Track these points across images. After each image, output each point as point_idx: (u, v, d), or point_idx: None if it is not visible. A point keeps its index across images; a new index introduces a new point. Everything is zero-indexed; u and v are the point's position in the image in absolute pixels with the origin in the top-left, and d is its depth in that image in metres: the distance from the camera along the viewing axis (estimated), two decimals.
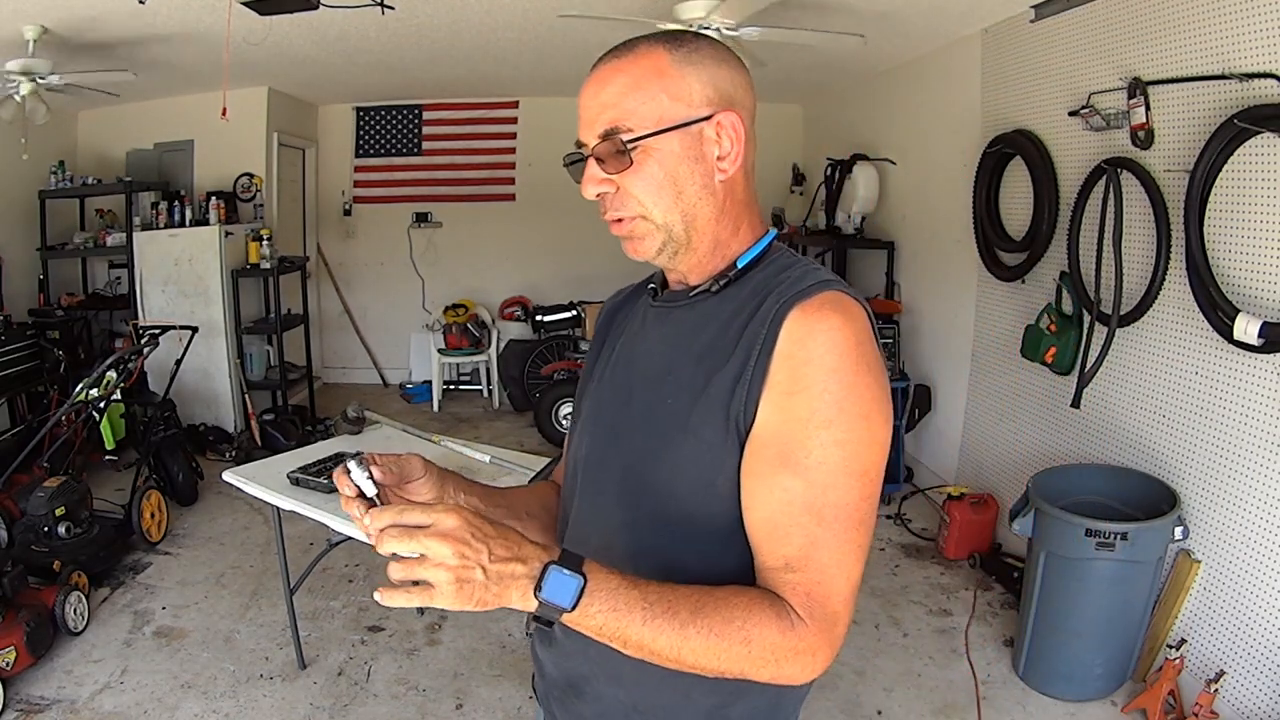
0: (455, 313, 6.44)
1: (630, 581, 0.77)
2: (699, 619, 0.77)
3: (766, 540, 0.84)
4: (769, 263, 0.94)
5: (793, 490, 0.81)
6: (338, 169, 6.87)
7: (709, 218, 0.92)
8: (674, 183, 0.89)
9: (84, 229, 5.56)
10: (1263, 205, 2.38)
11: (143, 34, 3.93)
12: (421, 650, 3.04)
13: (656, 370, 0.95)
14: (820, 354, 0.81)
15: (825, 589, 0.81)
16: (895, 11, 3.72)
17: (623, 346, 1.04)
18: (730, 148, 0.91)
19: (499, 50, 4.67)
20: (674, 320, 0.96)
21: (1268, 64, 2.32)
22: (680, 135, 0.88)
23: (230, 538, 3.97)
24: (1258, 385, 2.43)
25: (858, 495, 0.82)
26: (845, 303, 0.85)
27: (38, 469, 3.63)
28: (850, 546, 0.82)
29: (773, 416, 0.83)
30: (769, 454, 0.83)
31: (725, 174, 0.91)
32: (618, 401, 0.99)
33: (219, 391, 5.33)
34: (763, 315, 0.86)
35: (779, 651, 0.79)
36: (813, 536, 0.81)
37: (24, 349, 4.61)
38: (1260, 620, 2.40)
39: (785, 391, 0.82)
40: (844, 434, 0.81)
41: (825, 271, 0.91)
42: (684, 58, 0.89)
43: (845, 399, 0.81)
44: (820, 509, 0.81)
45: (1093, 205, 3.02)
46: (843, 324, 0.83)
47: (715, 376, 0.87)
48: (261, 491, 2.49)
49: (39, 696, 2.69)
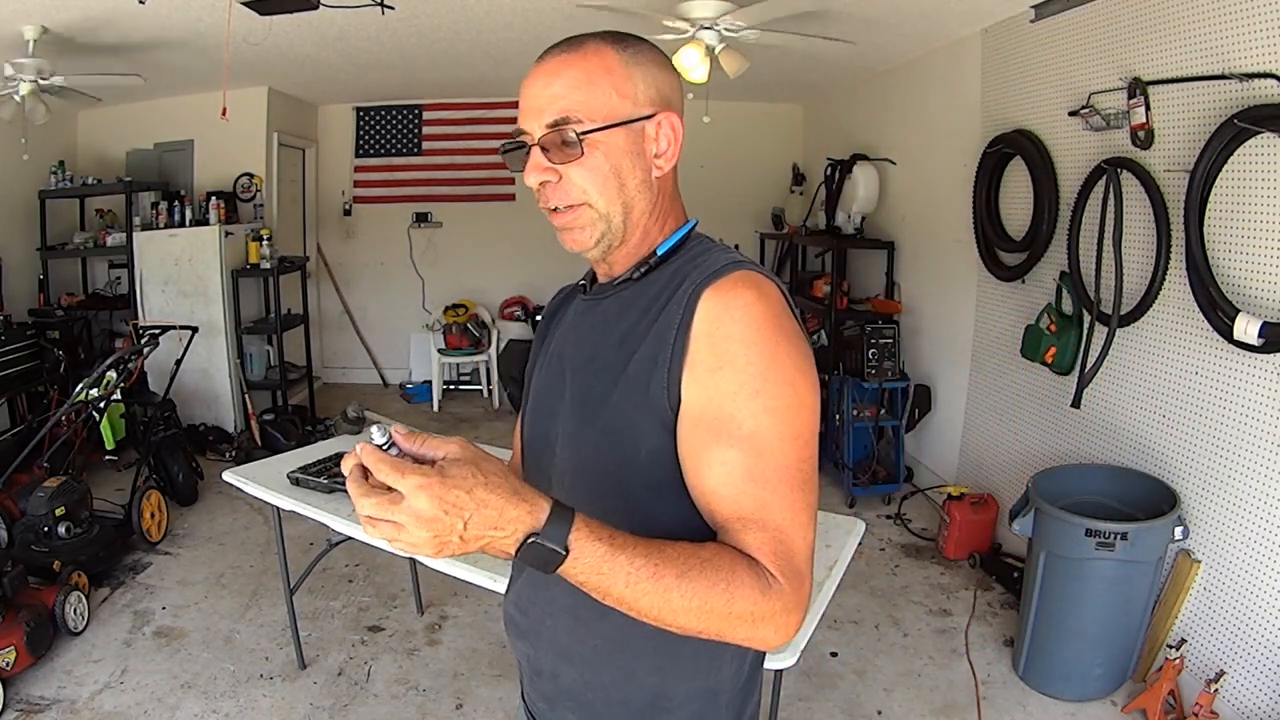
0: (455, 313, 6.44)
1: (618, 545, 0.77)
2: (684, 582, 0.78)
3: (717, 508, 0.86)
4: (688, 249, 0.98)
5: (731, 461, 0.84)
6: (338, 169, 6.87)
7: (643, 210, 0.96)
8: (617, 175, 0.93)
9: (84, 229, 5.56)
10: (1263, 205, 2.38)
11: (143, 34, 3.93)
12: (421, 650, 3.04)
13: (584, 358, 0.99)
14: (738, 329, 0.85)
15: (788, 545, 0.83)
16: (895, 12, 3.72)
17: (556, 341, 1.09)
18: (667, 146, 0.96)
19: (499, 50, 4.67)
20: (600, 310, 1.01)
21: (1268, 64, 2.32)
22: (626, 131, 0.93)
23: (230, 538, 3.97)
24: (1258, 385, 2.43)
25: (795, 457, 0.85)
26: (757, 279, 0.89)
27: (38, 469, 3.63)
28: (799, 506, 0.84)
29: (699, 394, 0.85)
30: (702, 431, 0.85)
31: (661, 170, 0.96)
32: (553, 391, 1.03)
33: (219, 391, 5.33)
34: (679, 297, 0.89)
35: (758, 613, 0.80)
36: (760, 500, 0.83)
37: (24, 349, 4.61)
38: (1260, 620, 2.40)
39: (709, 369, 0.85)
40: (772, 401, 0.84)
41: (739, 255, 0.95)
42: (630, 58, 0.95)
43: (768, 369, 0.84)
44: (762, 474, 0.83)
45: (1093, 205, 3.02)
46: (756, 299, 0.86)
47: (634, 356, 0.90)
48: (261, 491, 2.49)
49: (39, 696, 2.69)
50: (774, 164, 6.60)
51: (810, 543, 0.85)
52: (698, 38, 3.41)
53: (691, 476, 0.88)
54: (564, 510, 0.76)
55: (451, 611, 3.29)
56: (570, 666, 1.02)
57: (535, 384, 1.11)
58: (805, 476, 0.86)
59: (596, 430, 0.93)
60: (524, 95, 0.97)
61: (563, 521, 0.75)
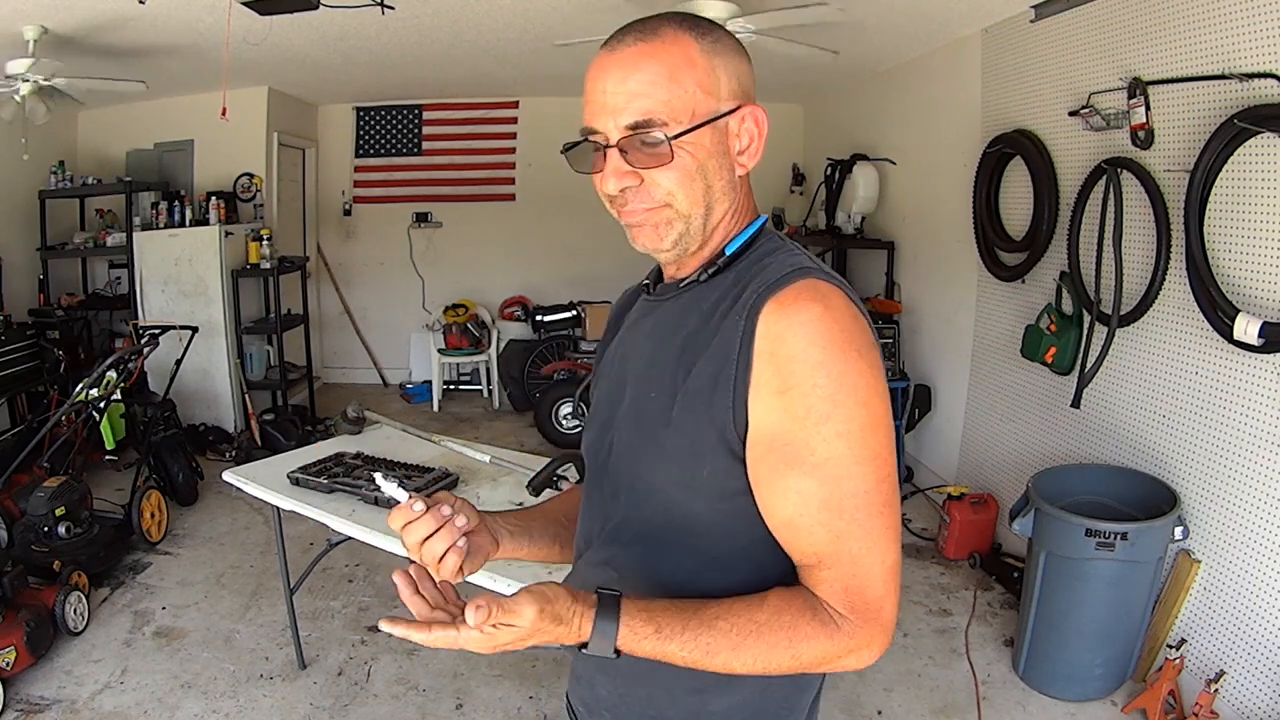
0: (455, 313, 6.43)
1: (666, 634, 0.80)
2: (741, 652, 0.80)
3: (793, 540, 0.84)
4: (755, 250, 0.92)
5: (806, 490, 0.81)
6: (338, 169, 6.87)
7: (724, 211, 0.91)
8: (704, 177, 0.87)
9: (84, 229, 5.56)
10: (1263, 205, 2.38)
11: (143, 34, 3.93)
12: (421, 650, 3.04)
13: (644, 364, 0.94)
14: (802, 348, 0.79)
15: (861, 579, 0.81)
16: (896, 12, 3.72)
17: (619, 343, 1.05)
18: (750, 142, 0.89)
19: (499, 50, 4.68)
20: (662, 312, 0.96)
21: (1268, 64, 2.32)
22: (711, 130, 0.86)
23: (230, 538, 3.97)
24: (1258, 385, 2.43)
25: (874, 479, 0.81)
26: (821, 289, 0.82)
27: (38, 469, 3.63)
28: (878, 531, 0.81)
29: (767, 418, 0.81)
30: (774, 458, 0.82)
31: (744, 168, 0.91)
32: (613, 398, 0.99)
33: (219, 391, 5.33)
34: (740, 308, 0.84)
35: (827, 656, 0.81)
36: (836, 531, 0.81)
37: (24, 349, 4.61)
38: (1260, 620, 2.40)
39: (775, 391, 0.80)
40: (844, 424, 0.79)
41: (804, 257, 0.89)
42: (710, 47, 0.87)
43: (838, 390, 0.79)
44: (839, 503, 0.80)
45: (1093, 205, 3.02)
46: (821, 313, 0.80)
47: (695, 369, 0.86)
48: (261, 491, 2.48)
49: (39, 696, 2.69)
50: (774, 164, 6.59)
51: (890, 565, 0.82)
52: None
53: (765, 505, 0.85)
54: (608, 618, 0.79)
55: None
56: (606, 677, 1.00)
57: (598, 389, 1.07)
58: (884, 498, 0.82)
59: (656, 445, 0.89)
60: (594, 88, 0.87)
61: (607, 632, 0.79)
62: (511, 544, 1.04)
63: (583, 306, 5.90)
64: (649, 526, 0.91)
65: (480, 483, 2.48)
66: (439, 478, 2.41)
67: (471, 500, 2.43)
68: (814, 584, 0.83)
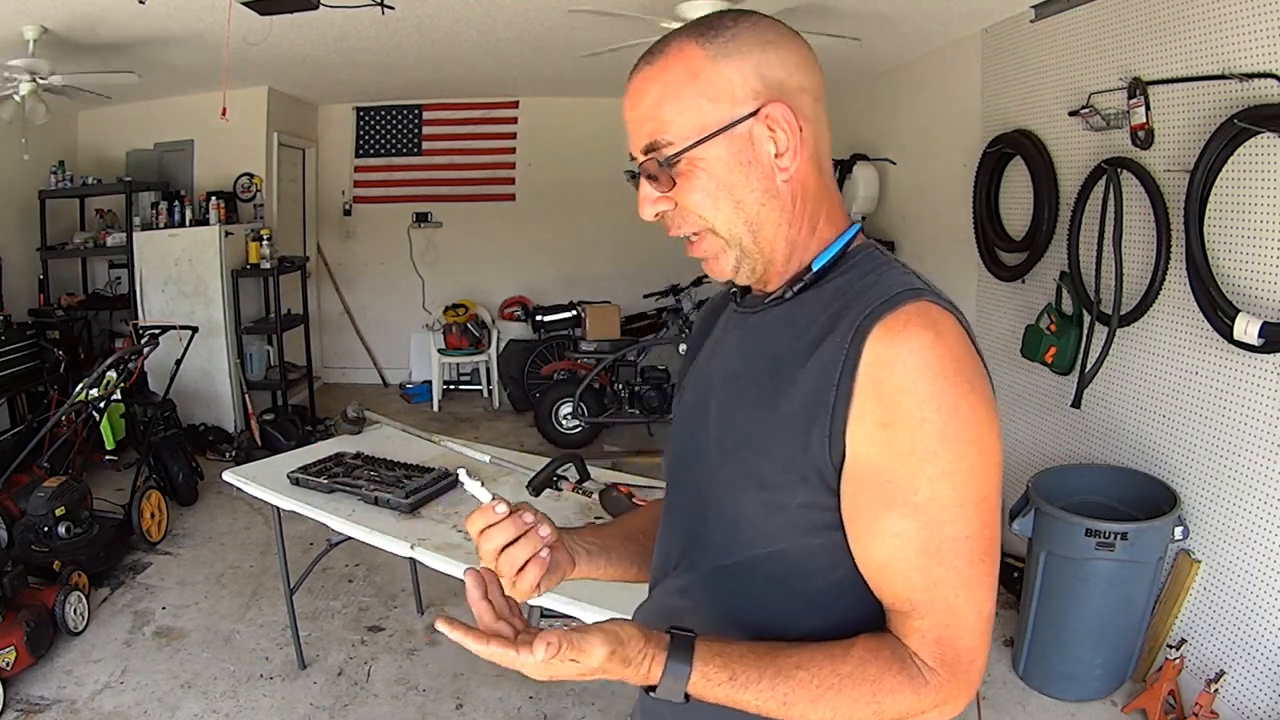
0: (455, 313, 6.44)
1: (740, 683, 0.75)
2: (820, 705, 0.75)
3: (886, 584, 0.79)
4: (851, 264, 0.84)
5: (905, 533, 0.76)
6: (338, 169, 6.87)
7: (777, 223, 0.83)
8: (730, 192, 0.82)
9: (84, 229, 5.56)
10: (1263, 205, 2.38)
11: (143, 34, 3.93)
12: (421, 650, 3.04)
13: (731, 383, 0.88)
14: (912, 379, 0.73)
15: (954, 630, 0.76)
16: (895, 12, 3.72)
17: (704, 357, 0.98)
18: (787, 142, 0.81)
19: (499, 50, 4.67)
20: (750, 327, 0.90)
21: (1268, 64, 2.32)
22: (726, 140, 0.80)
23: (230, 538, 3.97)
24: (1258, 385, 2.43)
25: (978, 524, 0.76)
26: (934, 315, 0.76)
27: (38, 469, 3.63)
28: (976, 580, 0.76)
29: (867, 451, 0.75)
30: (872, 495, 0.76)
31: (786, 172, 0.82)
32: (696, 416, 0.93)
33: (219, 391, 5.33)
34: (842, 330, 0.77)
35: (911, 710, 0.76)
36: (934, 577, 0.76)
37: (24, 349, 4.61)
38: (1260, 620, 2.40)
39: (879, 423, 0.75)
40: (952, 464, 0.74)
41: (912, 276, 0.81)
42: (719, 50, 0.80)
43: (948, 426, 0.74)
44: (938, 548, 0.75)
45: (1093, 205, 3.02)
46: (933, 341, 0.74)
47: (788, 392, 0.80)
48: (261, 491, 2.48)
49: (39, 696, 2.69)
50: None
51: (985, 614, 0.77)
52: None
53: (858, 544, 0.79)
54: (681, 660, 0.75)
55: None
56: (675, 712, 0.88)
57: (681, 401, 1.00)
58: (986, 545, 0.77)
59: (744, 472, 0.83)
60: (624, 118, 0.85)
61: (678, 676, 0.75)
62: (589, 564, 1.00)
63: (583, 306, 5.90)
64: (731, 557, 0.86)
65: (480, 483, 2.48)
66: (439, 478, 2.41)
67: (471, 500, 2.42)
68: (904, 633, 0.77)
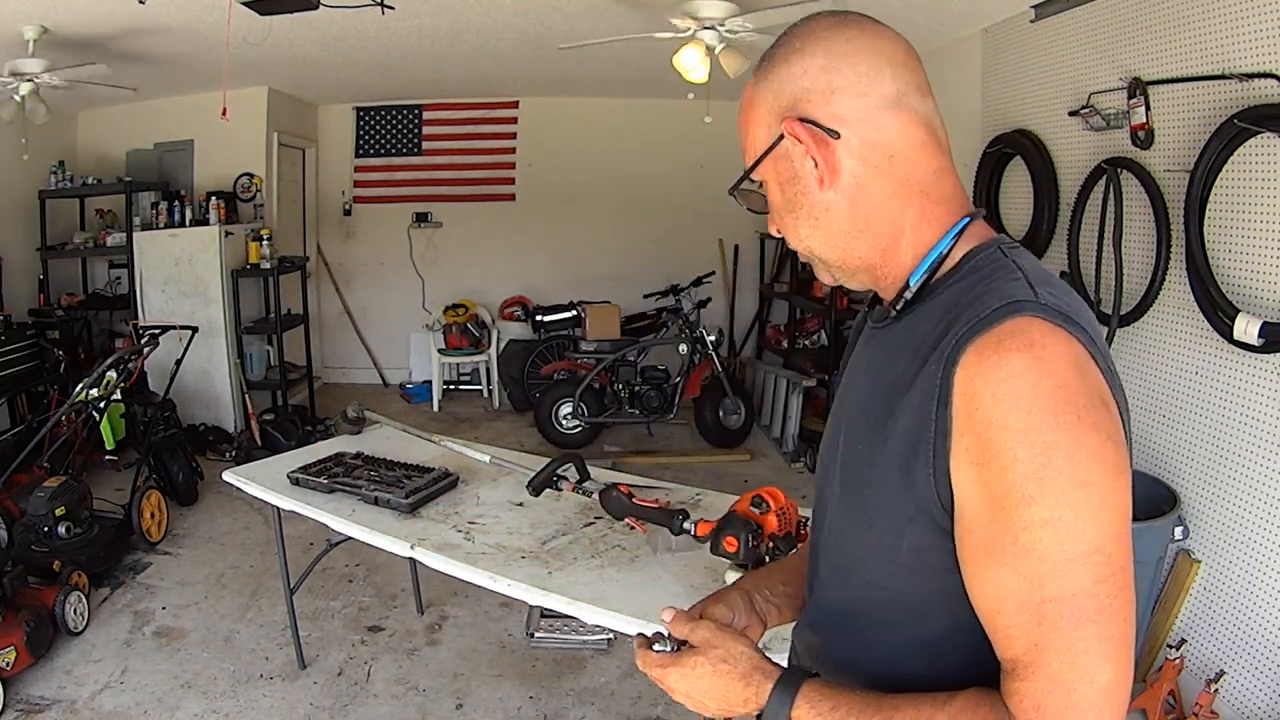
0: (455, 313, 6.44)
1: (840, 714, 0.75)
2: None
3: (991, 635, 0.72)
4: (968, 270, 0.77)
5: (1004, 585, 0.68)
6: (338, 169, 6.87)
7: (847, 233, 0.81)
8: (792, 211, 0.83)
9: (84, 229, 5.56)
10: (1263, 205, 2.38)
11: (143, 34, 3.93)
12: (421, 650, 3.04)
13: (856, 407, 0.85)
14: (1001, 412, 0.66)
15: (1062, 700, 0.66)
16: (895, 13, 3.72)
17: (846, 371, 0.95)
18: (814, 159, 0.78)
19: (499, 50, 4.68)
20: (877, 344, 0.85)
21: (1268, 64, 2.32)
22: (772, 162, 0.82)
23: (230, 538, 3.97)
24: (1258, 385, 2.43)
25: (1089, 580, 0.66)
26: (1034, 332, 0.67)
27: (38, 469, 3.63)
28: (1086, 645, 0.66)
29: (968, 491, 0.69)
30: (973, 540, 0.70)
31: (825, 182, 0.79)
32: (831, 439, 0.90)
33: (219, 391, 5.33)
34: (938, 355, 0.71)
35: None
36: (1035, 639, 0.67)
37: (24, 349, 4.61)
38: (1260, 620, 2.40)
39: (974, 462, 0.68)
40: (1050, 511, 0.65)
41: (1022, 284, 0.72)
42: (762, 75, 0.83)
43: (1045, 466, 0.65)
44: (1039, 606, 0.67)
45: (1093, 205, 3.02)
46: (1029, 367, 0.66)
47: (895, 425, 0.75)
48: (261, 491, 2.48)
49: (39, 696, 2.69)
50: None
51: (1103, 687, 0.66)
52: (698, 37, 3.41)
53: (967, 585, 0.73)
54: (787, 690, 0.78)
55: (451, 611, 3.29)
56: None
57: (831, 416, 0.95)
58: (1102, 604, 0.66)
59: (860, 508, 0.80)
60: None
61: (783, 704, 0.78)
62: (779, 619, 1.01)
63: (583, 306, 5.90)
64: (850, 596, 0.85)
65: (480, 483, 2.48)
66: (439, 478, 2.41)
67: (471, 500, 2.42)
68: (1008, 693, 0.69)
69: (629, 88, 6.04)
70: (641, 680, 2.84)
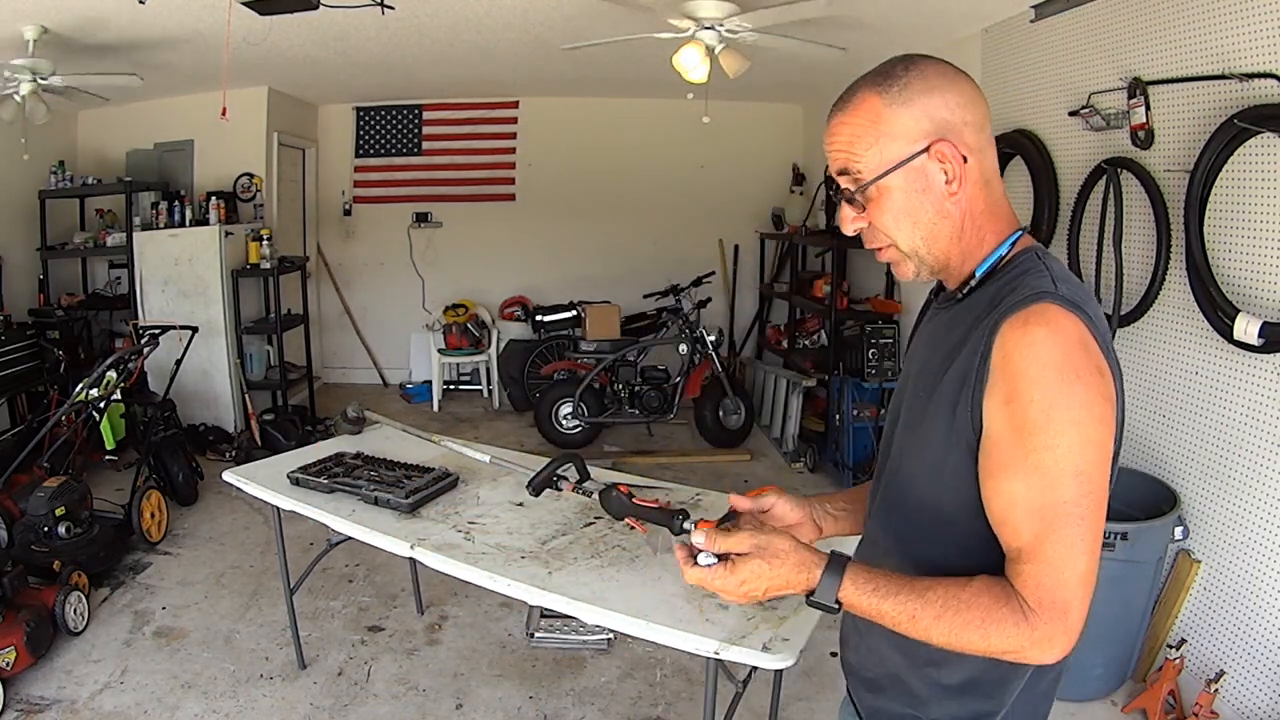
0: (455, 313, 6.44)
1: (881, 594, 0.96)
2: (940, 623, 0.93)
3: (1001, 532, 0.95)
4: (1011, 268, 1.01)
5: (1016, 493, 0.92)
6: (338, 169, 6.87)
7: (949, 237, 1.02)
8: (909, 214, 1.01)
9: (84, 229, 5.56)
10: (1263, 205, 2.38)
11: (143, 34, 3.93)
12: (421, 650, 3.04)
13: (920, 368, 1.08)
14: (1024, 365, 0.90)
15: (1053, 579, 0.90)
16: (895, 12, 3.72)
17: (913, 345, 1.19)
18: (954, 172, 0.99)
19: (499, 50, 4.68)
20: (939, 321, 1.09)
21: (1268, 64, 2.33)
22: (904, 172, 0.99)
23: (230, 538, 3.97)
24: (1258, 385, 2.43)
25: (1075, 493, 0.90)
26: (1053, 314, 0.91)
27: (38, 469, 3.63)
28: (1073, 540, 0.90)
29: (995, 423, 0.93)
30: (993, 460, 0.94)
31: (955, 197, 1.00)
32: (899, 395, 1.14)
33: (219, 391, 5.33)
34: (986, 325, 0.95)
35: (1014, 643, 0.91)
36: (1037, 533, 0.91)
37: (24, 349, 4.61)
38: (1260, 620, 2.40)
39: (1002, 400, 0.92)
40: (1053, 439, 0.89)
41: (1048, 279, 0.96)
42: (895, 98, 0.98)
43: (1051, 408, 0.89)
44: (1041, 508, 0.90)
45: (1093, 205, 3.02)
46: (1046, 335, 0.90)
47: (947, 375, 0.99)
48: (261, 491, 2.48)
49: (39, 696, 2.69)
50: (774, 164, 6.60)
51: (1082, 573, 0.90)
52: (698, 38, 3.41)
53: (984, 495, 0.96)
54: (835, 572, 0.97)
55: (451, 611, 3.29)
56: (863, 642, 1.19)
57: (901, 377, 1.19)
58: (1084, 510, 0.90)
59: (916, 440, 1.04)
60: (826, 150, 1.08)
61: (832, 583, 0.97)
62: (835, 527, 1.25)
63: (583, 306, 5.90)
64: (905, 509, 1.07)
65: (480, 483, 2.48)
66: (439, 478, 2.41)
67: (471, 500, 2.42)
68: (1013, 576, 0.92)
69: (629, 88, 6.04)
70: (641, 680, 2.84)
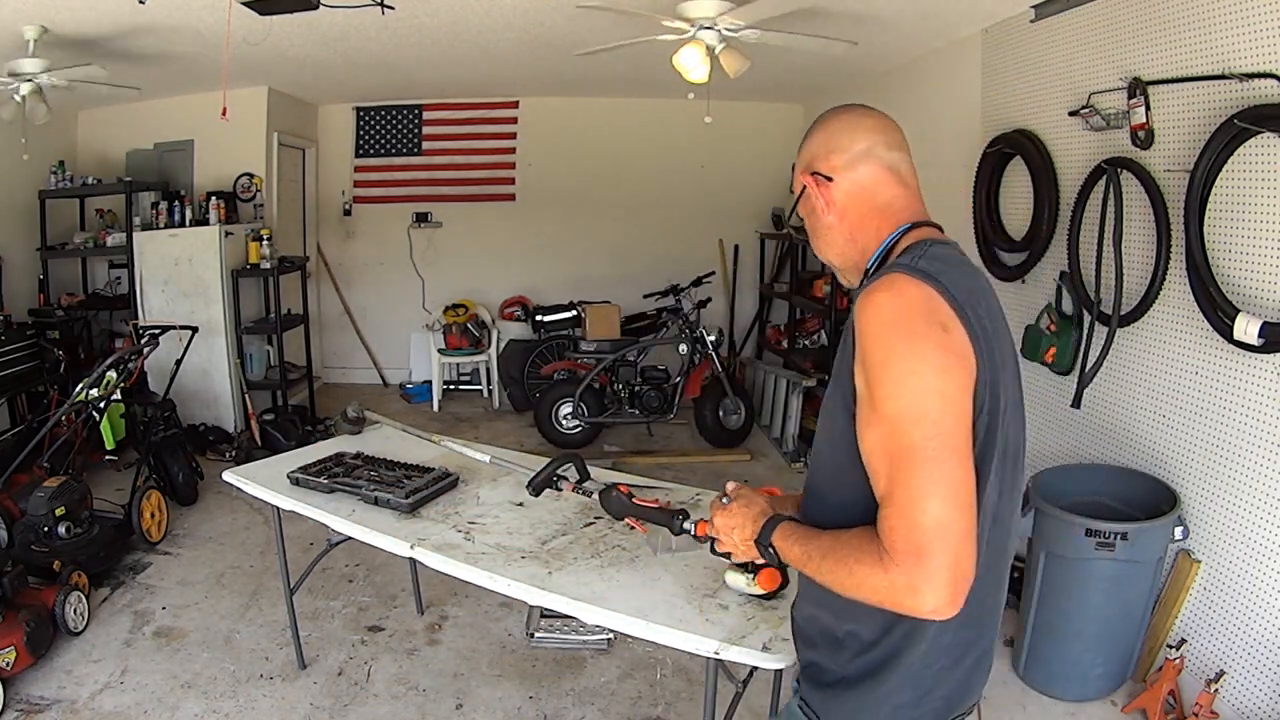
0: (455, 313, 6.44)
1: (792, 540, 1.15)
2: (826, 563, 1.07)
3: (874, 486, 1.03)
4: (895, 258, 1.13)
5: (872, 440, 1.02)
6: (338, 169, 6.87)
7: (842, 243, 1.22)
8: (814, 232, 1.25)
9: (84, 229, 5.56)
10: (1263, 205, 2.38)
11: (143, 34, 3.93)
12: (421, 650, 3.04)
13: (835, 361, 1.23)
14: (867, 326, 1.01)
15: (905, 523, 0.96)
16: (895, 12, 3.72)
17: None
18: (821, 199, 1.20)
19: (499, 50, 4.67)
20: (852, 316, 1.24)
21: (1268, 64, 2.33)
22: (802, 200, 1.24)
23: (230, 538, 3.97)
24: (1258, 385, 2.43)
25: (919, 437, 0.96)
26: (897, 281, 1.03)
27: (38, 469, 3.63)
28: (920, 484, 0.96)
29: (859, 383, 1.04)
30: (860, 414, 1.05)
31: (828, 214, 1.20)
32: None
33: (219, 391, 5.33)
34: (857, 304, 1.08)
35: (878, 587, 0.98)
36: (890, 475, 0.99)
37: (24, 349, 4.61)
38: (1260, 620, 2.40)
39: (859, 361, 1.03)
40: (894, 388, 0.99)
41: (908, 258, 1.08)
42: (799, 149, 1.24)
43: (888, 361, 0.99)
44: (891, 452, 0.99)
45: (1093, 205, 3.02)
46: (886, 299, 1.01)
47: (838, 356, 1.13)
48: (261, 491, 2.48)
49: (39, 696, 2.69)
50: (774, 164, 6.60)
51: (938, 515, 0.95)
52: (698, 37, 3.41)
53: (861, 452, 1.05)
54: (770, 525, 1.20)
55: (451, 611, 3.29)
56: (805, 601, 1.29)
57: None
58: (929, 455, 0.96)
59: (824, 421, 1.17)
60: None
61: (768, 532, 1.20)
62: None
63: (583, 306, 5.90)
64: (816, 478, 1.21)
65: (480, 483, 2.48)
66: (439, 478, 2.41)
67: (471, 500, 2.42)
68: (878, 521, 1.00)
69: (629, 88, 6.04)
70: (641, 680, 2.84)
